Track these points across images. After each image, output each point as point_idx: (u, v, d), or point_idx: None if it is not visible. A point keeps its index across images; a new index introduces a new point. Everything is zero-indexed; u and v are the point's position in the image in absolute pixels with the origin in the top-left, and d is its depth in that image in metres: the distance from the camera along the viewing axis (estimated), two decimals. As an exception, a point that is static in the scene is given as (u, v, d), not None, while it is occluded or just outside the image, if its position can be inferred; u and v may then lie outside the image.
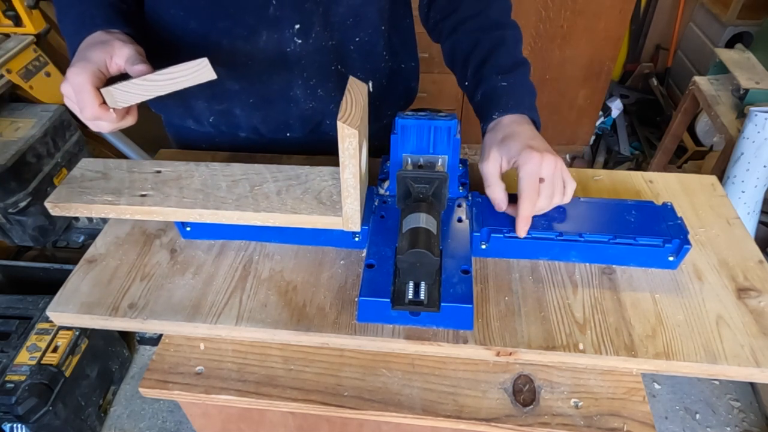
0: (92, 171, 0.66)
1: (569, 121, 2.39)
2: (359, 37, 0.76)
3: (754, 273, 0.63)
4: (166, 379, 0.60)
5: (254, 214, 0.60)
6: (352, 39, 0.76)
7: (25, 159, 1.56)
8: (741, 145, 1.44)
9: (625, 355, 0.55)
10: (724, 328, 0.57)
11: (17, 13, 1.65)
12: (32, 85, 1.69)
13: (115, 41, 0.62)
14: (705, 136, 2.20)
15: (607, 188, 0.77)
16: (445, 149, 0.64)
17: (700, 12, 2.44)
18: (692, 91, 1.79)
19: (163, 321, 0.60)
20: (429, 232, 0.55)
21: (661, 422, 1.56)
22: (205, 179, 0.64)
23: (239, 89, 0.77)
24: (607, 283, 0.63)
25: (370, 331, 0.58)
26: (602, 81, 2.26)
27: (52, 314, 0.62)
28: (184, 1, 0.71)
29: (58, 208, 0.62)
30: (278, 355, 0.62)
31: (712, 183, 0.77)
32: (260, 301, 0.62)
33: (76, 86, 0.59)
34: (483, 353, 0.57)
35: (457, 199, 0.68)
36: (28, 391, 1.31)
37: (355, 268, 0.65)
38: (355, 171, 0.55)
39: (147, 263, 0.67)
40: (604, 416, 0.55)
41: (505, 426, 0.55)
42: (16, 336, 1.42)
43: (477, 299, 0.61)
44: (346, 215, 0.59)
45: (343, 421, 0.67)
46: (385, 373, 0.59)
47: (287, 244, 0.68)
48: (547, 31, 2.09)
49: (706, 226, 0.70)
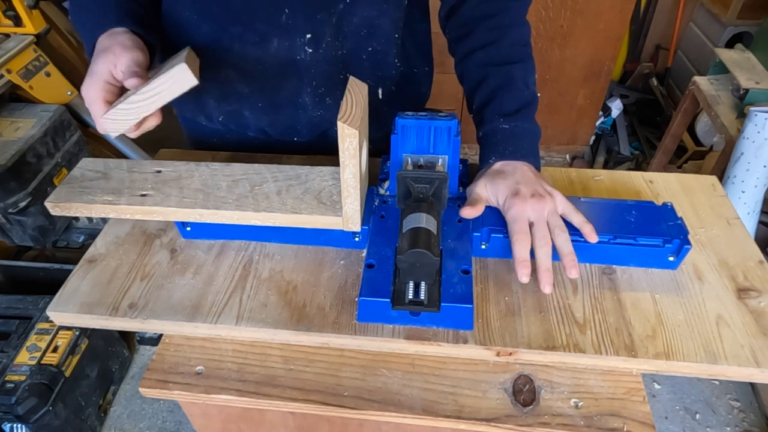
0: (92, 171, 0.66)
1: (569, 121, 2.39)
2: (372, 47, 0.75)
3: (754, 273, 0.63)
4: (166, 379, 0.60)
5: (254, 214, 0.60)
6: (365, 49, 0.75)
7: (25, 159, 1.55)
8: (741, 145, 1.44)
9: (625, 355, 0.55)
10: (724, 328, 0.57)
11: (17, 13, 1.65)
12: (32, 85, 1.69)
13: (116, 47, 0.62)
14: (705, 136, 2.20)
15: (607, 188, 0.77)
16: (445, 149, 0.64)
17: (700, 12, 2.44)
18: (692, 91, 1.79)
19: (163, 321, 0.60)
20: (429, 232, 0.55)
21: (661, 422, 1.56)
22: (205, 179, 0.64)
23: (248, 92, 0.77)
24: (607, 283, 0.63)
25: (370, 331, 0.58)
26: (602, 81, 2.26)
27: (52, 314, 0.62)
28: (197, 6, 0.71)
29: (58, 207, 0.62)
30: (278, 355, 0.62)
31: (712, 183, 0.77)
32: (260, 301, 0.62)
33: (88, 101, 0.61)
34: (483, 353, 0.57)
35: (457, 199, 0.68)
36: (28, 391, 1.31)
37: (355, 268, 0.65)
38: (355, 171, 0.55)
39: (147, 263, 0.67)
40: (604, 416, 0.55)
41: (505, 426, 0.55)
42: (16, 336, 1.42)
43: (477, 299, 0.61)
44: (346, 215, 0.59)
45: (343, 421, 0.67)
46: (385, 373, 0.59)
47: (287, 244, 0.68)
48: (547, 31, 2.09)
49: (706, 226, 0.70)
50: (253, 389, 0.59)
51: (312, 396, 0.58)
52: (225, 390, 0.59)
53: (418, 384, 0.58)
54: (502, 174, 0.64)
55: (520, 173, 0.63)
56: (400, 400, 0.57)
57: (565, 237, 0.59)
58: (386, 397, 0.57)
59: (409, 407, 0.56)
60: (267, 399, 0.58)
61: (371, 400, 0.57)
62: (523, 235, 0.59)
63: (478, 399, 0.57)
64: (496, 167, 0.65)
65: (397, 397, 0.57)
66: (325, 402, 0.57)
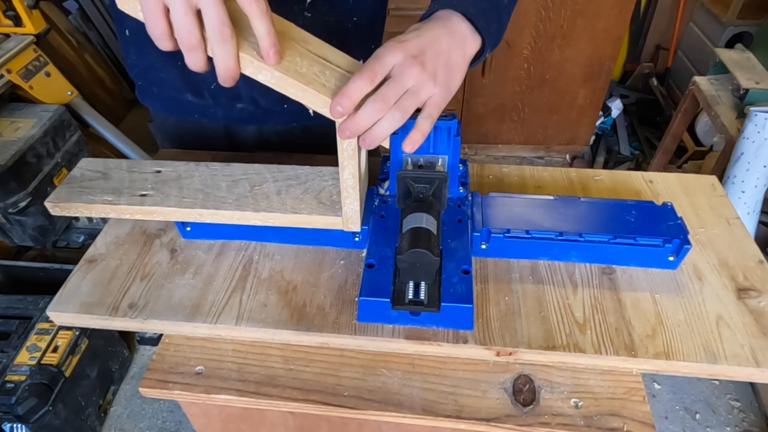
0: (92, 171, 0.66)
1: (569, 121, 2.39)
2: (357, 17, 0.75)
3: (754, 273, 0.63)
4: (166, 379, 0.60)
5: (254, 214, 0.60)
6: (350, 18, 0.75)
7: (25, 159, 1.56)
8: (741, 145, 1.44)
9: (625, 355, 0.55)
10: (724, 328, 0.57)
11: (17, 13, 1.65)
12: (32, 85, 1.69)
13: None
14: (705, 136, 2.20)
15: (607, 188, 0.77)
16: (445, 149, 0.64)
17: (700, 12, 2.44)
18: (692, 91, 1.79)
19: (163, 321, 0.60)
20: (429, 232, 0.55)
21: (661, 422, 1.56)
22: (205, 179, 0.64)
23: None
24: (607, 283, 0.63)
25: (370, 331, 0.58)
26: (602, 81, 2.26)
27: (52, 314, 0.62)
28: None
29: (58, 207, 0.63)
30: (278, 355, 0.62)
31: (712, 183, 0.77)
32: (260, 301, 0.62)
33: None
34: (483, 353, 0.57)
35: (457, 199, 0.68)
36: (28, 391, 1.31)
37: (355, 268, 0.65)
38: (354, 171, 0.55)
39: (147, 263, 0.67)
40: (604, 416, 0.55)
41: (505, 426, 0.55)
42: (16, 336, 1.42)
43: (477, 299, 0.61)
44: (346, 215, 0.59)
45: (343, 421, 0.67)
46: (385, 373, 0.59)
47: (287, 244, 0.68)
48: (547, 31, 2.09)
49: (706, 226, 0.70)
50: (253, 389, 0.59)
51: (312, 396, 0.58)
52: (225, 390, 0.59)
53: (418, 384, 0.58)
54: (416, 28, 0.52)
55: (432, 35, 0.51)
56: (400, 400, 0.57)
57: (399, 115, 0.49)
58: (386, 397, 0.57)
59: (409, 407, 0.56)
60: (267, 399, 0.58)
61: (371, 400, 0.57)
62: (372, 74, 0.48)
63: (478, 399, 0.57)
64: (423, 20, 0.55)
65: (397, 397, 0.57)
66: (325, 402, 0.57)
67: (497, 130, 2.44)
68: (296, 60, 0.50)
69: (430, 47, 0.51)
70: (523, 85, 2.27)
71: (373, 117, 0.48)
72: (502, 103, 2.33)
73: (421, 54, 0.50)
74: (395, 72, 0.49)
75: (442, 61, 0.52)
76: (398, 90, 0.49)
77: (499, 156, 2.52)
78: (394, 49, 0.50)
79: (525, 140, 2.46)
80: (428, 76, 0.50)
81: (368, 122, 0.48)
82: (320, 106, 0.50)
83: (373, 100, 0.48)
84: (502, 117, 2.38)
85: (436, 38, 0.52)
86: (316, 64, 0.51)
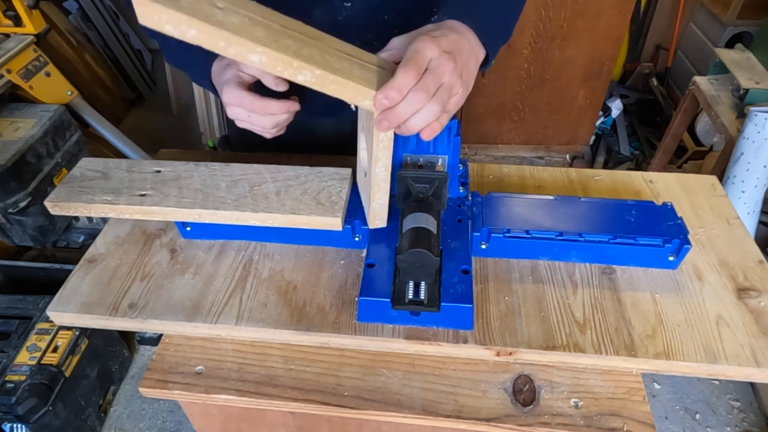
0: (92, 170, 0.66)
1: (569, 121, 2.39)
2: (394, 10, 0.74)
3: (754, 273, 0.63)
4: (166, 379, 0.60)
5: (253, 214, 0.60)
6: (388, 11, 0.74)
7: (25, 159, 1.55)
8: (741, 145, 1.44)
9: (625, 355, 0.55)
10: (724, 328, 0.57)
11: (17, 13, 1.65)
12: (32, 85, 1.69)
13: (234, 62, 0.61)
14: (705, 136, 2.20)
15: (607, 188, 0.77)
16: (445, 149, 0.64)
17: (700, 12, 2.44)
18: (692, 91, 1.79)
19: (163, 321, 0.60)
20: (429, 232, 0.55)
21: (661, 422, 1.56)
22: (204, 179, 0.64)
23: None
24: (607, 283, 0.63)
25: (370, 331, 0.58)
26: (602, 81, 2.26)
27: (52, 314, 0.62)
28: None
29: (57, 207, 0.62)
30: (278, 355, 0.62)
31: (712, 183, 0.77)
32: (260, 301, 0.62)
33: (235, 100, 0.59)
34: (483, 353, 0.57)
35: (457, 199, 0.68)
36: (28, 391, 1.31)
37: (355, 268, 0.65)
38: (387, 164, 0.54)
39: (147, 263, 0.67)
40: (604, 416, 0.55)
41: (505, 426, 0.55)
42: (16, 336, 1.42)
43: (477, 299, 0.61)
44: (374, 211, 0.58)
45: (343, 421, 0.67)
46: (385, 373, 0.59)
47: (287, 244, 0.68)
48: (547, 31, 2.09)
49: (706, 226, 0.70)
50: (253, 389, 0.59)
51: (312, 396, 0.58)
52: (225, 390, 0.59)
53: (418, 384, 0.58)
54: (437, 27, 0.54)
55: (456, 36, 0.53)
56: (400, 399, 0.57)
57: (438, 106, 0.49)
58: (386, 397, 0.57)
59: (409, 407, 0.56)
60: (267, 399, 0.58)
61: (371, 400, 0.57)
62: (418, 68, 0.48)
63: (478, 399, 0.57)
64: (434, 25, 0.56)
65: (397, 396, 0.57)
66: (325, 402, 0.57)
67: (497, 130, 2.44)
68: (325, 57, 0.49)
69: (458, 47, 0.53)
70: (523, 85, 2.27)
71: (414, 108, 0.49)
72: (502, 103, 2.33)
73: (453, 52, 0.51)
74: (432, 65, 0.50)
75: (466, 62, 0.54)
76: (437, 83, 0.50)
77: (499, 156, 2.52)
78: (431, 43, 0.50)
79: (525, 140, 2.46)
80: (458, 75, 0.52)
81: (409, 113, 0.49)
82: (361, 100, 0.50)
83: (415, 91, 0.48)
84: (502, 117, 2.38)
85: (460, 40, 0.54)
86: (344, 60, 0.51)
